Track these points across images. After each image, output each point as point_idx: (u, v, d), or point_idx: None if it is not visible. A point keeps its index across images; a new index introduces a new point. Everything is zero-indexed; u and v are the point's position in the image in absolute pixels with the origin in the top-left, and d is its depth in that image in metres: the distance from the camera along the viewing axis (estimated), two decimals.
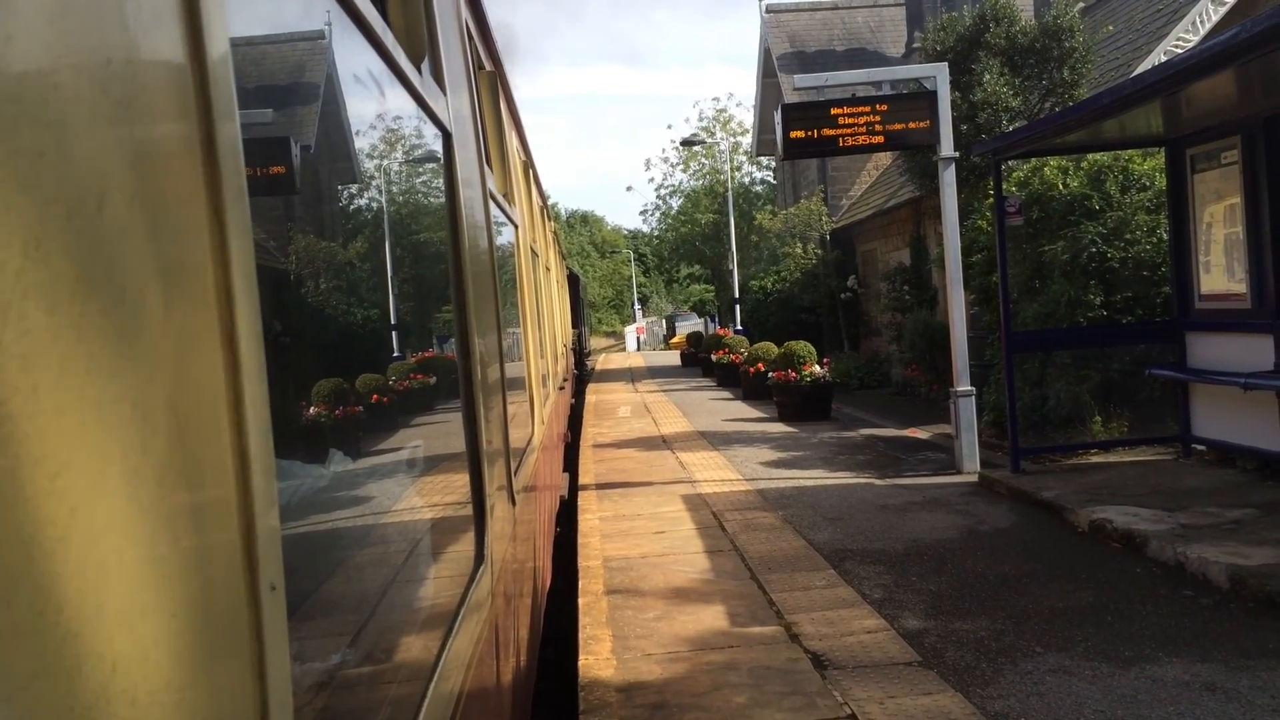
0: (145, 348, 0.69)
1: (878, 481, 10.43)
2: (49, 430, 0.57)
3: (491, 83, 4.60)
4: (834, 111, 10.61)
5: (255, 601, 0.82)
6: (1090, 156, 11.54)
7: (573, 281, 29.14)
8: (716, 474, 11.29)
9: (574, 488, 10.94)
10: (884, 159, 24.40)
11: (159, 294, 0.72)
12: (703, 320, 52.00)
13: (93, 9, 0.65)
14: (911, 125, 10.60)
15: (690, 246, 41.73)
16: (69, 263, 0.61)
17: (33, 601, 0.54)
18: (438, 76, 2.43)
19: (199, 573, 0.74)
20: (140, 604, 0.65)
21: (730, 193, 33.89)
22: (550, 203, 18.14)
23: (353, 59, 1.65)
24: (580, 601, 6.58)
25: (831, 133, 10.57)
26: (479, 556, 2.46)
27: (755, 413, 17.42)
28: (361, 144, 1.82)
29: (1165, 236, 10.47)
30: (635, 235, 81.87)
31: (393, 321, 2.05)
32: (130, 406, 0.66)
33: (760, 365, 18.73)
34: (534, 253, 7.36)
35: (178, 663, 0.69)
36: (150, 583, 0.67)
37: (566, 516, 9.82)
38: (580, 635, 5.87)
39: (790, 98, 21.48)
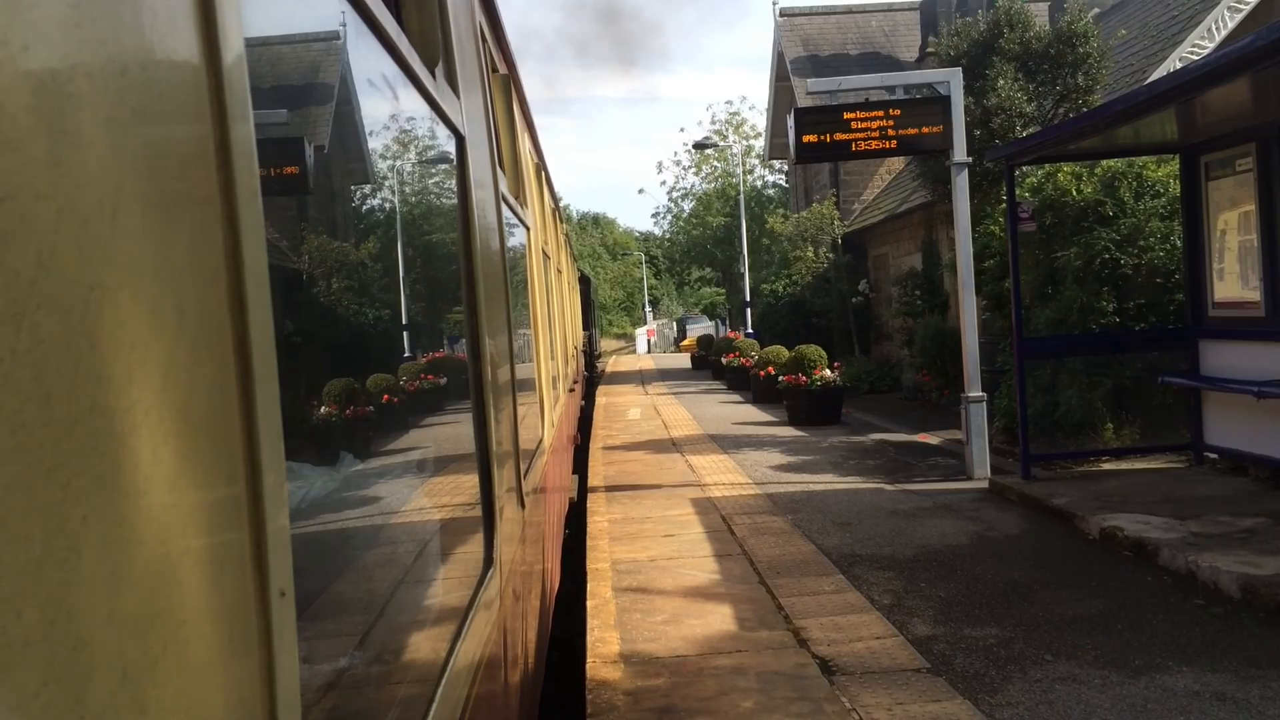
0: (158, 354, 0.69)
1: (888, 487, 10.40)
2: (61, 438, 0.57)
3: (505, 85, 4.60)
4: (847, 116, 10.59)
5: (265, 608, 0.82)
6: (1104, 163, 11.50)
7: (584, 283, 29.14)
8: (726, 478, 11.27)
9: (583, 490, 10.93)
10: (897, 163, 24.36)
11: (172, 299, 0.72)
12: (713, 323, 51.99)
13: (108, 18, 0.65)
14: (925, 130, 10.58)
15: (702, 249, 41.78)
16: (83, 270, 0.61)
17: (44, 610, 0.54)
18: (451, 80, 2.44)
19: (209, 579, 0.74)
20: (150, 611, 0.65)
21: (742, 196, 33.89)
22: (562, 204, 18.17)
23: (366, 62, 1.65)
24: (588, 604, 6.57)
25: (844, 137, 10.56)
26: (488, 559, 2.46)
27: (765, 416, 17.40)
28: (375, 146, 1.82)
29: (1179, 243, 10.43)
30: (647, 237, 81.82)
31: (404, 323, 2.06)
32: (142, 413, 0.66)
33: (771, 369, 18.71)
34: (545, 255, 7.36)
35: (187, 670, 0.69)
36: (160, 590, 0.67)
37: (575, 519, 9.82)
38: (588, 638, 5.87)
39: (803, 101, 21.47)
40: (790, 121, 10.83)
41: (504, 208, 3.62)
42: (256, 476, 0.82)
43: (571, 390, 11.85)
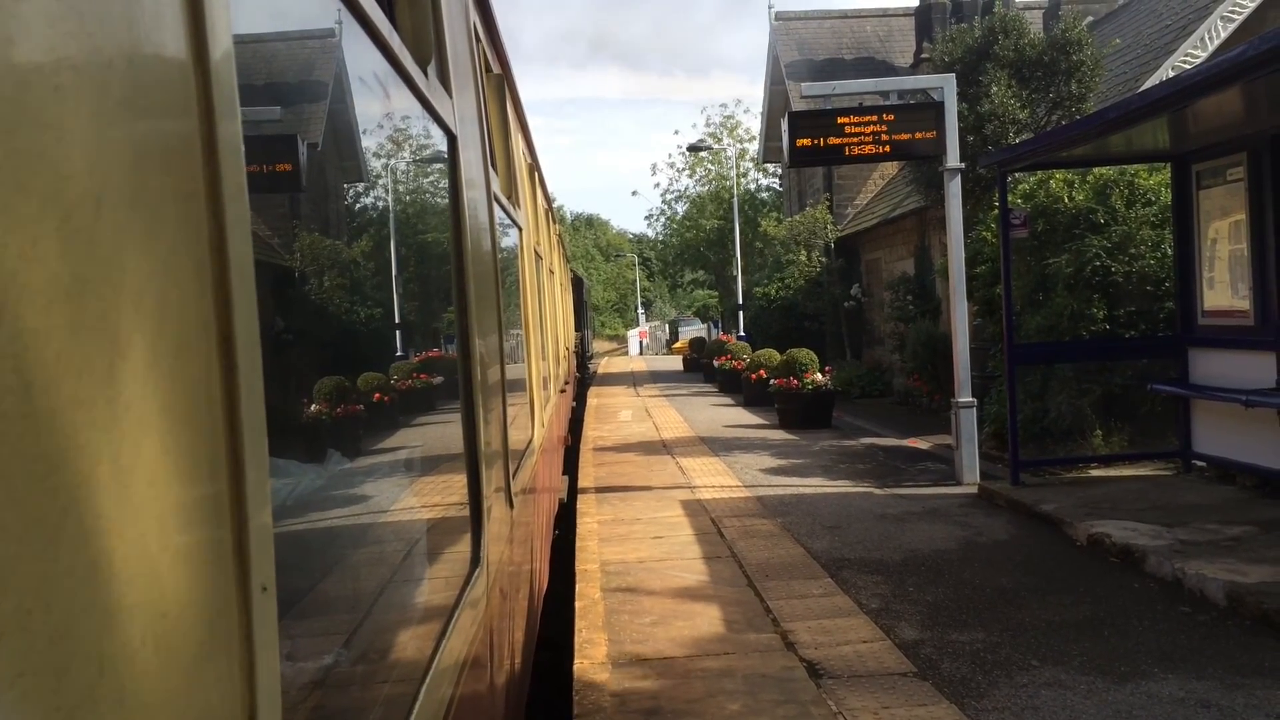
0: (140, 348, 0.69)
1: (877, 491, 10.42)
2: (41, 430, 0.57)
3: (498, 85, 4.60)
4: (841, 120, 10.61)
5: (246, 603, 0.82)
6: (1096, 170, 11.54)
7: (576, 284, 29.15)
8: (716, 480, 11.28)
9: (573, 491, 10.93)
10: (890, 168, 24.40)
11: (155, 293, 0.72)
12: (706, 326, 52.01)
13: (95, 11, 0.66)
14: (918, 136, 10.60)
15: (695, 252, 41.79)
16: (65, 263, 0.61)
17: (21, 600, 0.54)
18: (444, 79, 2.44)
19: (190, 573, 0.74)
20: (130, 604, 0.65)
21: (736, 199, 33.93)
22: (556, 205, 18.16)
23: (358, 60, 1.65)
24: (577, 605, 6.57)
25: (838, 141, 10.58)
26: (475, 559, 2.46)
27: (756, 419, 17.41)
28: (366, 144, 1.82)
29: (1170, 252, 10.47)
30: (640, 239, 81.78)
31: (395, 321, 2.06)
32: (123, 406, 0.66)
33: (762, 372, 18.73)
34: (538, 255, 7.36)
35: (166, 664, 0.69)
36: (140, 583, 0.67)
37: (565, 519, 9.82)
38: (576, 639, 5.86)
39: (798, 105, 21.50)
40: (784, 125, 10.85)
41: (496, 208, 3.62)
42: (239, 472, 0.82)
43: (563, 391, 11.85)
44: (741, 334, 28.28)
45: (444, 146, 2.47)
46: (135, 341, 0.68)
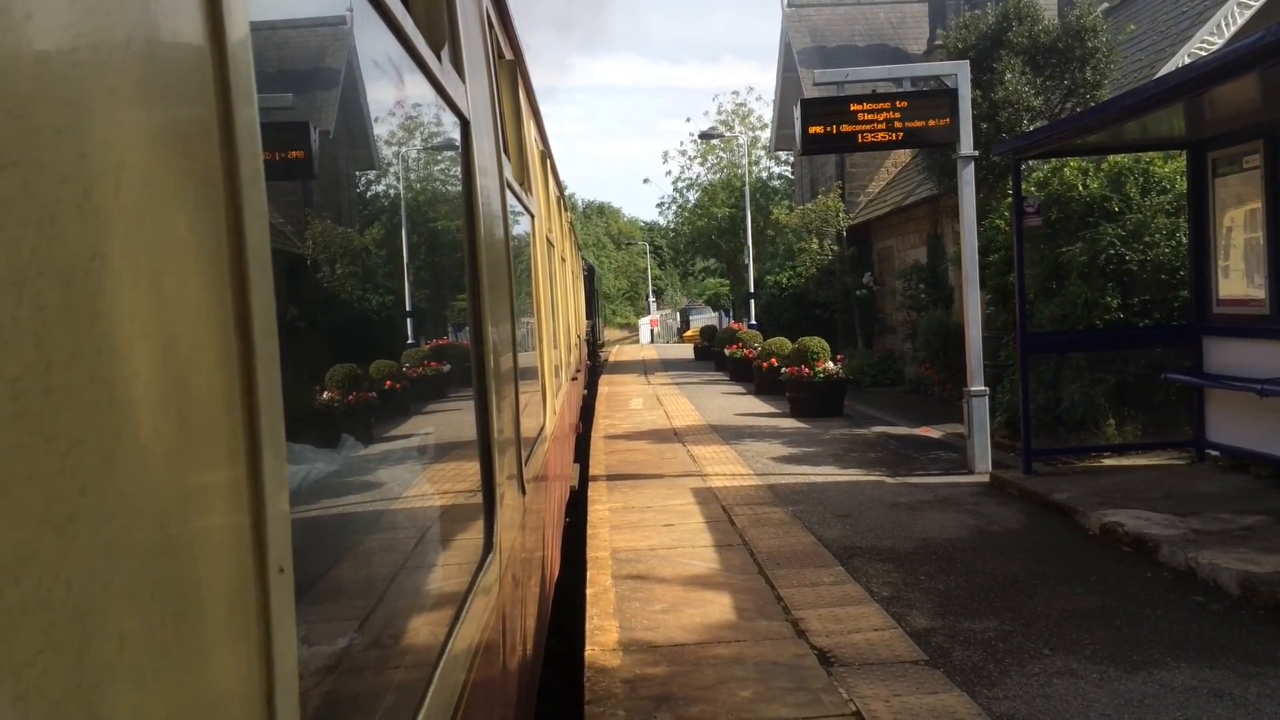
0: (159, 328, 0.69)
1: (888, 479, 10.41)
2: (61, 407, 0.57)
3: (511, 71, 4.59)
4: (854, 107, 10.57)
5: (263, 583, 0.83)
6: (1111, 158, 11.47)
7: (588, 273, 29.16)
8: (727, 468, 11.28)
9: (584, 478, 10.94)
10: (903, 156, 24.29)
11: (174, 275, 0.72)
12: (717, 314, 51.94)
13: None
14: (931, 123, 10.55)
15: (706, 240, 41.69)
16: (84, 241, 0.61)
17: (41, 578, 0.55)
18: (457, 64, 2.43)
19: (208, 553, 0.75)
20: (148, 583, 0.65)
21: (747, 187, 33.83)
22: (567, 193, 18.15)
23: (373, 45, 1.65)
24: (588, 592, 6.59)
25: (850, 129, 10.53)
26: (488, 544, 2.47)
27: (767, 408, 17.40)
28: (380, 130, 1.82)
29: (1184, 240, 10.41)
30: (651, 227, 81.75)
31: (407, 309, 2.06)
32: (143, 386, 0.66)
33: (773, 360, 18.70)
34: (549, 243, 7.36)
35: (185, 643, 0.69)
36: (159, 562, 0.67)
37: (576, 507, 9.83)
38: (587, 625, 5.88)
39: (810, 93, 21.39)
40: (797, 112, 10.81)
41: (508, 195, 3.61)
42: (257, 452, 0.82)
43: (574, 379, 11.85)
44: (753, 322, 28.25)
45: (457, 132, 2.46)
46: (154, 321, 0.68)
